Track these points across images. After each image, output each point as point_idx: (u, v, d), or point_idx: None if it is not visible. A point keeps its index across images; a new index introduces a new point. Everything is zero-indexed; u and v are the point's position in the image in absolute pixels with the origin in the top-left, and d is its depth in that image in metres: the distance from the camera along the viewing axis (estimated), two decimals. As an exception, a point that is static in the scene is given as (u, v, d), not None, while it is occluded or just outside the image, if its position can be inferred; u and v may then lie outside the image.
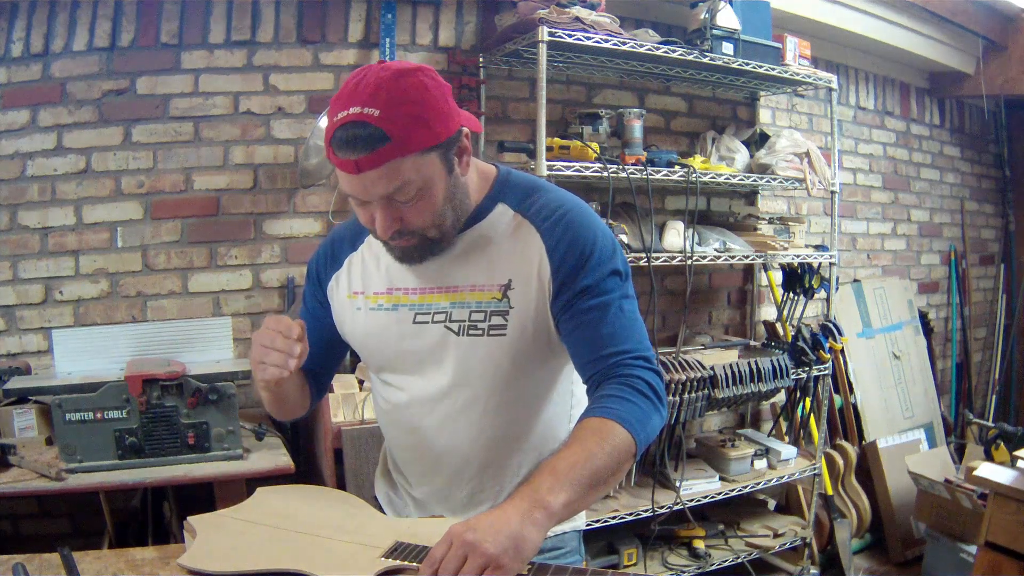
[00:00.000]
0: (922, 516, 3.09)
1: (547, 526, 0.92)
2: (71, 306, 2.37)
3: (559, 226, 1.13)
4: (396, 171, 0.99)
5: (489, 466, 1.21)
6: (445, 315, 1.15)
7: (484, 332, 1.13)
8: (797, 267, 3.08)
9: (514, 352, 1.14)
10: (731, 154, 2.90)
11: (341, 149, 0.99)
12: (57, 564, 1.04)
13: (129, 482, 1.87)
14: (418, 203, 1.04)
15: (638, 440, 1.02)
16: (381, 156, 0.98)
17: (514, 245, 1.14)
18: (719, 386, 2.59)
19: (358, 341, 1.26)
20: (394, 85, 0.99)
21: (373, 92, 0.98)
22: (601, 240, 1.13)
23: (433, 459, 1.22)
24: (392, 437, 1.30)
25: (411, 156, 1.00)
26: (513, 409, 1.18)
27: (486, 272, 1.14)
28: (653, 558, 2.71)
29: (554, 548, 1.27)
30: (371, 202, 1.04)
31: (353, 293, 1.24)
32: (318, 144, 2.37)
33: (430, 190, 1.04)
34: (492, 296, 1.13)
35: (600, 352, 1.09)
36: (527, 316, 1.13)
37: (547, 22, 2.30)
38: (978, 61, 3.83)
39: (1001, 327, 4.49)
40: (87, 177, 2.37)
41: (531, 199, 1.16)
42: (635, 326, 1.13)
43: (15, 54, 2.30)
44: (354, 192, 1.03)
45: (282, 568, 0.96)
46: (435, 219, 1.07)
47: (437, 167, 1.04)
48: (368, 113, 0.97)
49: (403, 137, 0.98)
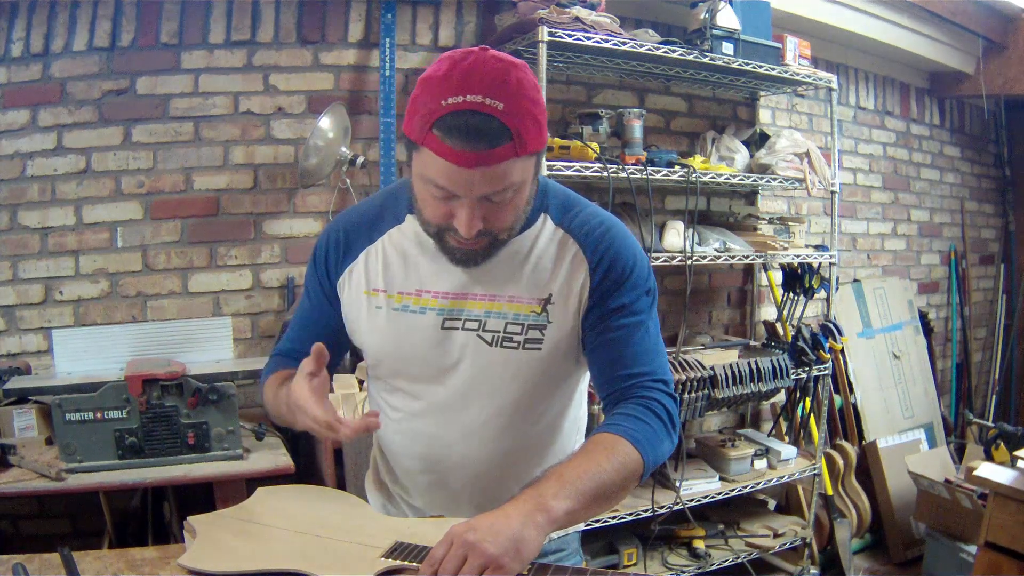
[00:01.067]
0: (922, 516, 3.10)
1: (548, 531, 0.91)
2: (71, 306, 2.37)
3: (603, 243, 1.11)
4: (508, 171, 0.95)
5: (500, 480, 1.17)
6: (479, 323, 1.11)
7: (519, 345, 1.10)
8: (797, 267, 3.08)
9: (546, 367, 1.12)
10: (731, 154, 2.90)
11: (455, 137, 0.92)
12: (57, 564, 1.04)
13: (129, 482, 1.87)
14: (508, 204, 1.01)
15: (647, 461, 1.02)
16: (501, 154, 0.93)
17: (557, 259, 1.11)
18: (719, 386, 2.59)
19: (372, 342, 1.18)
20: (515, 78, 0.94)
21: (497, 83, 0.92)
22: (640, 259, 1.13)
23: (443, 471, 1.18)
24: (398, 447, 1.23)
25: (523, 157, 0.96)
26: (533, 423, 1.16)
27: (527, 285, 1.11)
28: (653, 558, 2.71)
29: (558, 550, 1.27)
30: (457, 196, 0.98)
31: (372, 290, 1.16)
32: (318, 144, 2.37)
33: (522, 193, 1.02)
34: (532, 309, 1.10)
35: (622, 371, 1.09)
36: (563, 332, 1.11)
37: (547, 22, 2.30)
38: (978, 61, 3.83)
39: (1001, 327, 4.49)
40: (87, 177, 2.37)
41: (571, 213, 1.14)
42: (658, 348, 1.13)
43: (15, 54, 2.30)
44: (454, 185, 0.96)
45: (282, 568, 0.96)
46: (516, 222, 1.05)
47: (532, 171, 1.02)
48: (491, 105, 0.91)
49: (524, 137, 0.94)
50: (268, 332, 2.55)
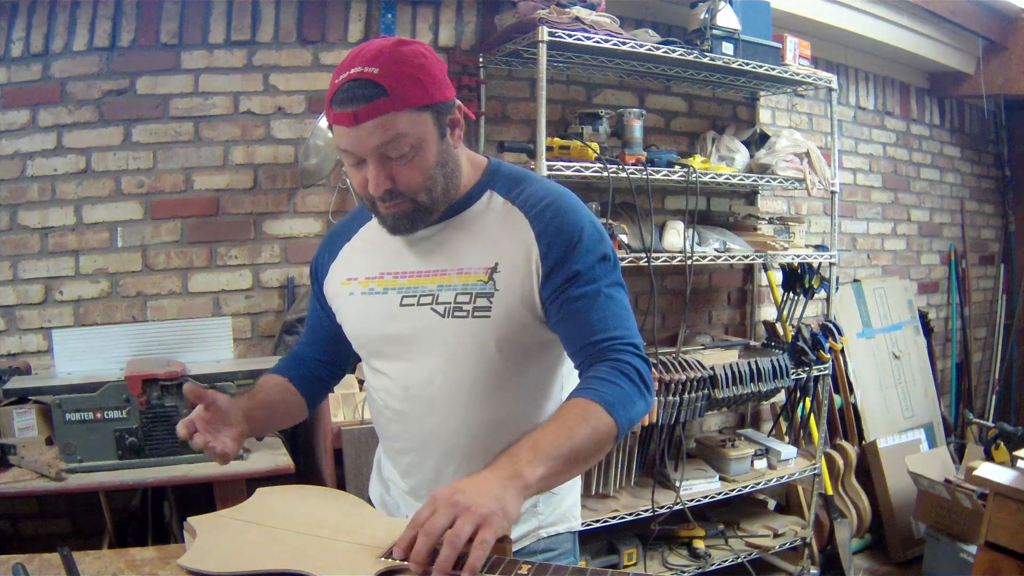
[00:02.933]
0: (922, 516, 3.10)
1: (524, 496, 0.93)
2: (71, 306, 2.37)
3: (547, 212, 1.15)
4: (391, 123, 1.04)
5: (476, 453, 1.17)
6: (432, 297, 1.16)
7: (469, 314, 1.14)
8: (797, 267, 3.08)
9: (499, 335, 1.13)
10: (731, 154, 2.90)
11: (340, 104, 1.04)
12: (57, 564, 1.04)
13: (129, 482, 1.87)
14: (411, 162, 1.08)
15: (620, 423, 1.03)
16: (378, 108, 1.03)
17: (502, 230, 1.16)
18: (719, 386, 2.59)
19: (351, 327, 1.27)
20: (394, 50, 1.06)
21: (374, 55, 1.04)
22: (588, 227, 1.15)
23: (419, 449, 1.22)
24: (382, 426, 1.29)
25: (406, 112, 1.04)
26: (500, 396, 1.17)
27: (473, 255, 1.16)
28: (653, 558, 2.71)
29: (548, 549, 1.26)
30: (365, 161, 1.07)
31: (347, 280, 1.26)
32: (318, 144, 2.37)
33: (422, 150, 1.08)
34: (478, 278, 1.14)
35: (590, 339, 1.11)
36: (513, 300, 1.13)
37: (547, 22, 2.30)
38: (978, 61, 3.84)
39: (1001, 327, 4.49)
40: (87, 177, 2.37)
41: (520, 188, 1.19)
42: (624, 313, 1.14)
43: (15, 54, 2.30)
44: (349, 146, 1.06)
45: (282, 568, 0.96)
46: (426, 181, 1.10)
47: (430, 128, 1.08)
48: (368, 72, 1.03)
49: (399, 92, 1.03)
50: (268, 332, 2.55)
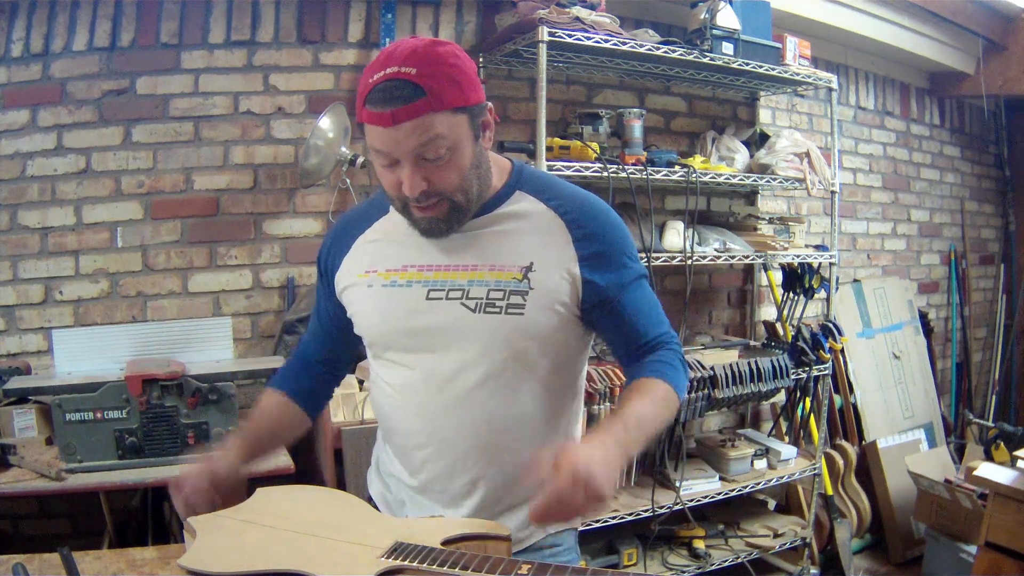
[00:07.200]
0: (922, 516, 3.10)
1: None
2: (71, 306, 2.37)
3: (583, 216, 1.18)
4: (429, 125, 1.03)
5: (492, 449, 1.19)
6: (462, 292, 1.16)
7: (502, 311, 1.14)
8: (797, 267, 3.08)
9: (532, 333, 1.15)
10: (731, 154, 2.90)
11: (377, 104, 1.03)
12: (57, 564, 1.04)
13: (129, 482, 1.87)
14: (447, 163, 1.07)
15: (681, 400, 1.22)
16: (416, 109, 1.02)
17: (537, 231, 1.17)
18: (719, 386, 2.59)
19: (367, 319, 1.24)
20: (430, 50, 1.05)
21: (409, 54, 1.03)
22: (622, 229, 1.22)
23: (439, 440, 1.21)
24: (396, 421, 1.26)
25: (444, 112, 1.04)
26: (528, 392, 1.18)
27: (507, 253, 1.16)
28: (653, 558, 2.71)
29: (552, 546, 1.27)
30: (399, 163, 1.06)
31: (365, 272, 1.24)
32: (318, 144, 2.37)
33: (458, 151, 1.08)
34: (512, 276, 1.15)
35: (640, 342, 1.23)
36: (547, 300, 1.15)
37: (547, 22, 2.30)
38: (978, 61, 3.84)
39: (1001, 327, 4.49)
40: (87, 177, 2.37)
41: (550, 190, 1.21)
42: (658, 306, 1.26)
43: (15, 54, 2.30)
44: (386, 146, 1.05)
45: (282, 568, 0.96)
46: (462, 183, 1.10)
47: (465, 130, 1.08)
48: (405, 71, 1.02)
49: (438, 93, 1.02)
50: (268, 332, 2.55)
